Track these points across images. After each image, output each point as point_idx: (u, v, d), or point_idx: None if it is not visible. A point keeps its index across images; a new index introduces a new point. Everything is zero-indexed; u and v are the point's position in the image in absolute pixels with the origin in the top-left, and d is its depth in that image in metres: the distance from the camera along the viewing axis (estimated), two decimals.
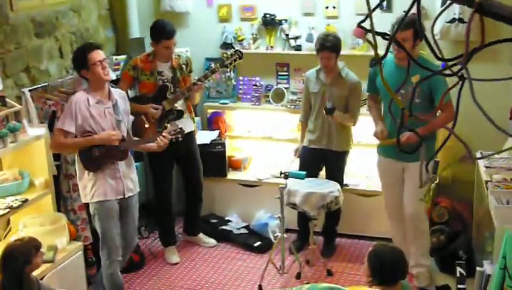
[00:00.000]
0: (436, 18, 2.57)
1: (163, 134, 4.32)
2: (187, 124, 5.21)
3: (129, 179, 4.36)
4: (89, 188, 4.21)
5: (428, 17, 5.08)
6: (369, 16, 1.46)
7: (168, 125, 5.05)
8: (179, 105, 5.15)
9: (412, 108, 1.71)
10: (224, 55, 5.19)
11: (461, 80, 1.44)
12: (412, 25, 4.18)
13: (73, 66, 4.46)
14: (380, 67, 1.62)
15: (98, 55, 4.13)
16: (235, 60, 5.10)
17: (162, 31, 4.99)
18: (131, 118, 4.55)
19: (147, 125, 5.02)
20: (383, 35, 1.54)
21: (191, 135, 5.32)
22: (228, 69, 5.42)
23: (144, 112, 5.02)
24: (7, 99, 4.26)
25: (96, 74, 4.12)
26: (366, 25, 1.55)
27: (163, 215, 5.48)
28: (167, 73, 5.11)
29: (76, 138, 4.12)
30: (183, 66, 5.19)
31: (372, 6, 1.54)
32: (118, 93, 4.38)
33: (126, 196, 4.33)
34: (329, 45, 4.90)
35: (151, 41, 5.07)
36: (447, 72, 1.49)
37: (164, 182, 5.36)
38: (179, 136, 4.36)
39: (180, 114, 5.17)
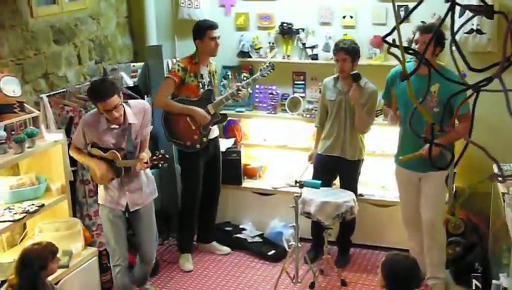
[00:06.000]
0: (458, 30, 2.55)
1: (145, 161, 4.23)
2: (214, 128, 5.37)
3: (137, 193, 4.42)
4: (98, 190, 4.47)
5: (446, 27, 5.04)
6: (396, 28, 1.45)
7: (211, 128, 5.25)
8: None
9: (433, 118, 1.70)
10: (261, 66, 5.36)
11: (476, 92, 1.44)
12: (433, 30, 4.18)
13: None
14: (408, 83, 1.61)
15: (106, 105, 4.06)
16: (270, 71, 5.33)
17: (205, 23, 5.19)
18: (150, 128, 4.53)
19: (193, 127, 5.12)
20: (407, 49, 1.53)
21: (217, 139, 5.50)
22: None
23: (191, 114, 5.12)
24: (25, 105, 4.30)
25: (107, 116, 4.14)
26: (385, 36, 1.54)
27: (188, 221, 5.49)
28: (206, 77, 5.23)
29: (82, 154, 4.33)
30: (214, 73, 5.38)
31: (389, 17, 1.54)
32: (137, 107, 4.36)
33: (131, 210, 4.44)
34: (344, 47, 4.93)
35: (196, 41, 5.16)
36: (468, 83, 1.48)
37: (197, 188, 5.39)
38: (162, 162, 4.25)
39: (224, 118, 5.36)
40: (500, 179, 1.57)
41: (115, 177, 4.29)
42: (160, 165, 4.29)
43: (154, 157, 4.23)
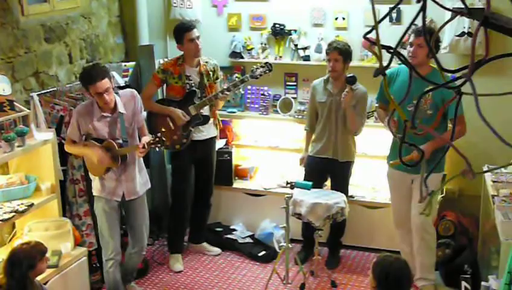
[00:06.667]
0: (439, 29, 2.58)
1: (141, 144, 4.30)
2: (210, 129, 5.35)
3: (132, 182, 4.48)
4: (92, 183, 4.50)
5: (436, 28, 5.07)
6: (375, 27, 1.45)
7: (192, 129, 5.19)
8: (205, 110, 5.24)
9: (424, 120, 1.71)
10: (254, 66, 5.24)
11: (459, 94, 1.44)
12: (428, 32, 4.21)
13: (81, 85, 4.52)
14: (384, 78, 1.61)
15: (101, 86, 4.15)
16: (265, 72, 5.20)
17: (181, 26, 5.17)
18: (144, 114, 4.70)
19: (172, 128, 5.07)
20: (387, 48, 1.54)
21: (212, 140, 5.46)
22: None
23: (170, 115, 5.10)
24: (15, 104, 4.28)
25: (99, 101, 4.26)
26: (373, 36, 1.55)
27: (178, 221, 5.48)
28: (195, 77, 5.20)
29: (76, 146, 4.39)
30: (210, 72, 5.29)
31: (381, 17, 1.54)
32: (126, 95, 4.47)
33: (127, 199, 4.49)
34: (338, 46, 4.95)
35: (177, 45, 5.17)
36: (452, 84, 1.49)
37: (184, 187, 5.39)
38: (158, 145, 4.32)
39: (206, 120, 5.28)
40: (471, 176, 1.58)
41: (112, 166, 4.33)
42: (157, 148, 4.40)
43: (151, 142, 4.30)
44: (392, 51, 1.46)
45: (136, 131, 4.50)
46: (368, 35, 1.69)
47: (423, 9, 1.42)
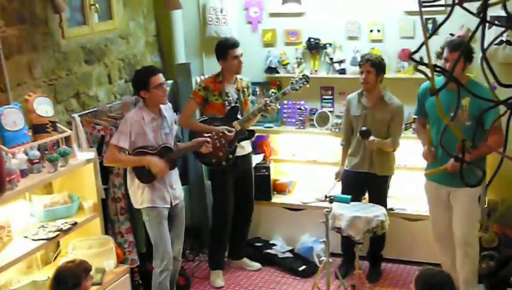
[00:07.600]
0: (488, 46, 2.55)
1: (207, 139, 4.61)
2: (248, 144, 5.41)
3: (175, 187, 4.61)
4: (139, 194, 4.48)
5: (475, 40, 5.01)
6: (425, 44, 1.45)
7: (238, 145, 5.24)
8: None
9: (463, 131, 1.69)
10: (292, 79, 5.28)
11: (510, 109, 1.42)
12: (462, 47, 4.17)
13: (133, 86, 4.70)
14: (437, 98, 1.61)
15: (159, 79, 4.38)
16: (303, 84, 5.25)
17: (226, 43, 5.21)
18: (176, 127, 4.81)
19: (218, 145, 5.03)
20: (435, 66, 1.53)
21: (249, 156, 5.49)
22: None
23: (216, 133, 5.09)
24: (58, 125, 4.38)
25: (155, 96, 4.40)
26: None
27: (219, 237, 5.50)
28: (233, 94, 5.23)
29: (129, 156, 4.41)
30: (245, 89, 5.34)
31: (417, 31, 1.54)
32: (165, 106, 4.58)
33: (173, 204, 4.58)
34: (371, 58, 4.95)
35: (219, 61, 5.20)
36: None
37: (227, 203, 5.41)
38: (222, 139, 4.64)
39: (251, 134, 5.35)
40: None
41: (171, 168, 4.50)
42: (219, 143, 4.87)
43: (216, 137, 4.68)
44: (438, 69, 1.45)
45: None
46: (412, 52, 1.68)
47: (483, 22, 1.39)
